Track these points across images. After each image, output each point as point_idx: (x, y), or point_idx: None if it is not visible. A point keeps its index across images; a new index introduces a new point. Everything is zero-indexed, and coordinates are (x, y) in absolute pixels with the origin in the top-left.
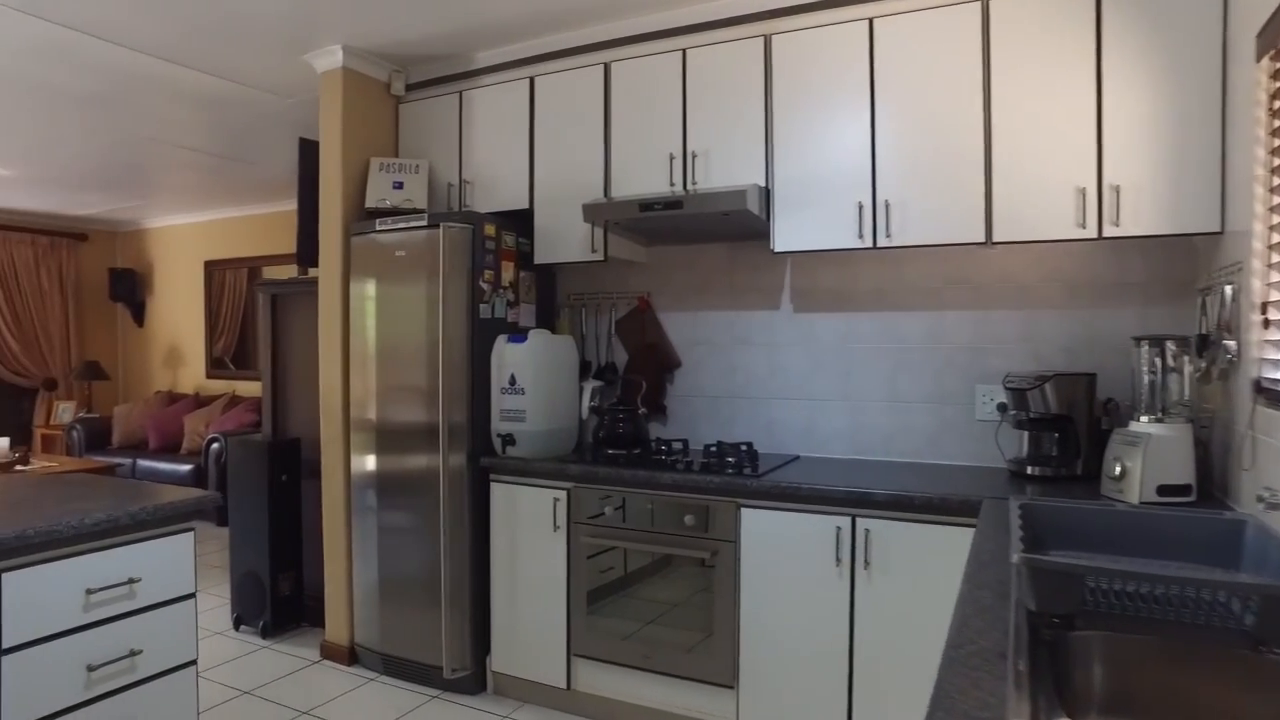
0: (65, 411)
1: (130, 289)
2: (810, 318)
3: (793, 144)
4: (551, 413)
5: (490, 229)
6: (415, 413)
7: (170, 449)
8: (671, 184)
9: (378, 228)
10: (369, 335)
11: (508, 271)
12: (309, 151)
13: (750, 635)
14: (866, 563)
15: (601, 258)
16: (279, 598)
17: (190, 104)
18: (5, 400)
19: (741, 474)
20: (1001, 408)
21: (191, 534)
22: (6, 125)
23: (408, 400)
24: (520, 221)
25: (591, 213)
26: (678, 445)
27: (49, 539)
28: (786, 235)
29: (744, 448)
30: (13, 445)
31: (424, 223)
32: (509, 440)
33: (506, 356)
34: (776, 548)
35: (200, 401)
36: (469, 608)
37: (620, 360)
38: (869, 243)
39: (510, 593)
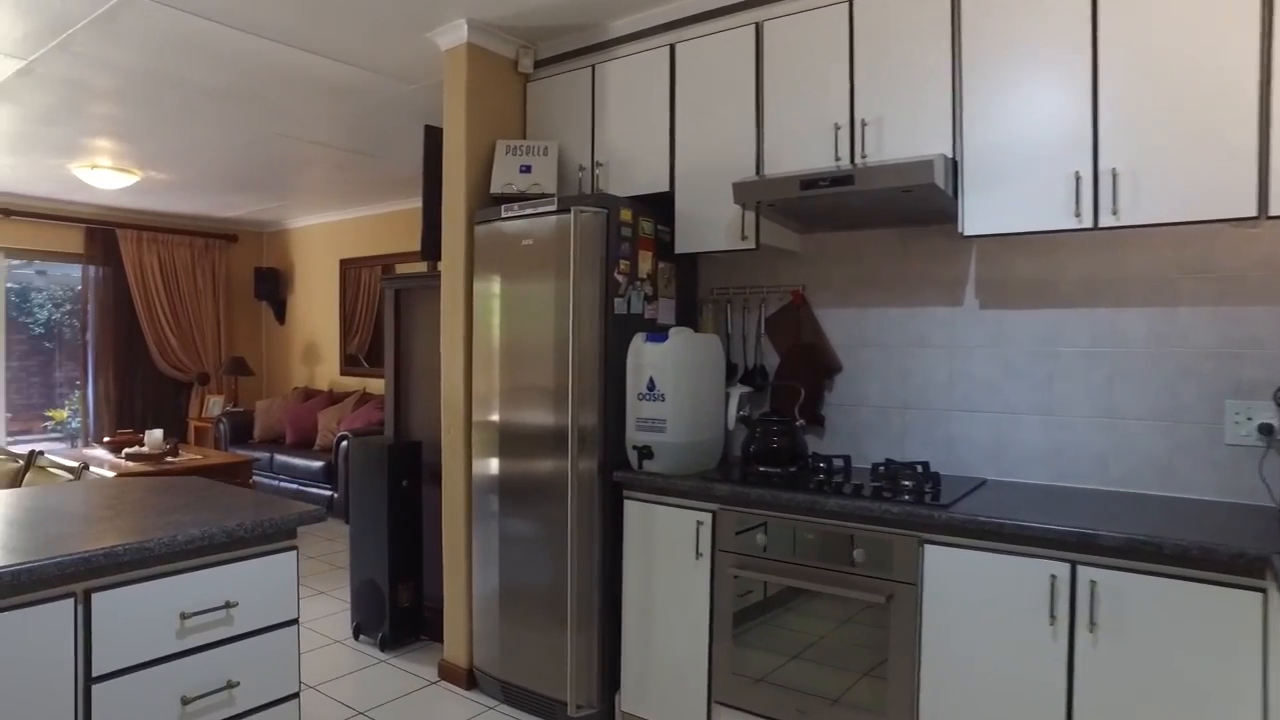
0: (215, 405)
1: (273, 287)
2: (1001, 315)
3: (987, 105)
4: (694, 423)
5: (626, 214)
6: (542, 415)
7: (305, 444)
8: (837, 158)
9: (503, 214)
10: (493, 331)
11: (645, 262)
12: (434, 139)
13: (932, 700)
14: (1092, 623)
15: (752, 245)
16: (398, 609)
17: (317, 95)
18: (165, 393)
19: (924, 502)
20: (1266, 430)
21: (294, 553)
22: (155, 127)
23: (534, 402)
24: (659, 207)
25: (743, 192)
26: (839, 463)
27: (141, 556)
28: (978, 216)
29: (920, 468)
30: (167, 436)
31: (553, 207)
32: (646, 453)
33: (645, 357)
34: (970, 596)
35: (334, 398)
36: (597, 635)
37: (770, 363)
38: (1088, 222)
39: (644, 624)
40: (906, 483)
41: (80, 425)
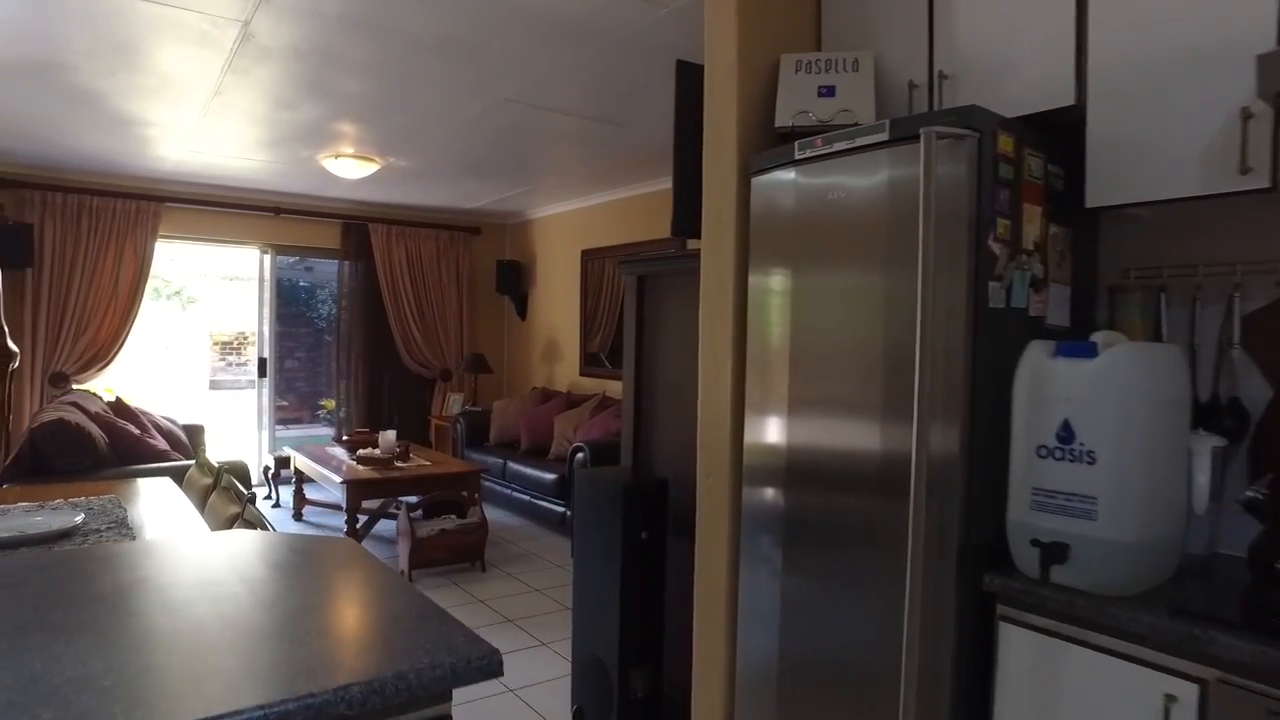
0: (455, 403)
1: (515, 281)
2: None
3: None
4: (1149, 505)
5: (1007, 142)
6: (857, 438)
7: (539, 451)
8: None
9: (796, 156)
10: (777, 326)
11: (1032, 223)
12: (690, 77)
13: None
14: None
15: (1265, 184)
16: (630, 700)
17: (546, 39)
18: (410, 388)
19: None
20: None
21: None
22: (380, 99)
23: (844, 423)
24: (1046, 135)
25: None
26: None
27: None
28: None
29: None
30: (408, 433)
31: (883, 135)
32: (1055, 553)
33: (1056, 384)
34: None
35: (571, 401)
36: None
37: (1252, 394)
38: None
39: None
40: None
41: (345, 414)
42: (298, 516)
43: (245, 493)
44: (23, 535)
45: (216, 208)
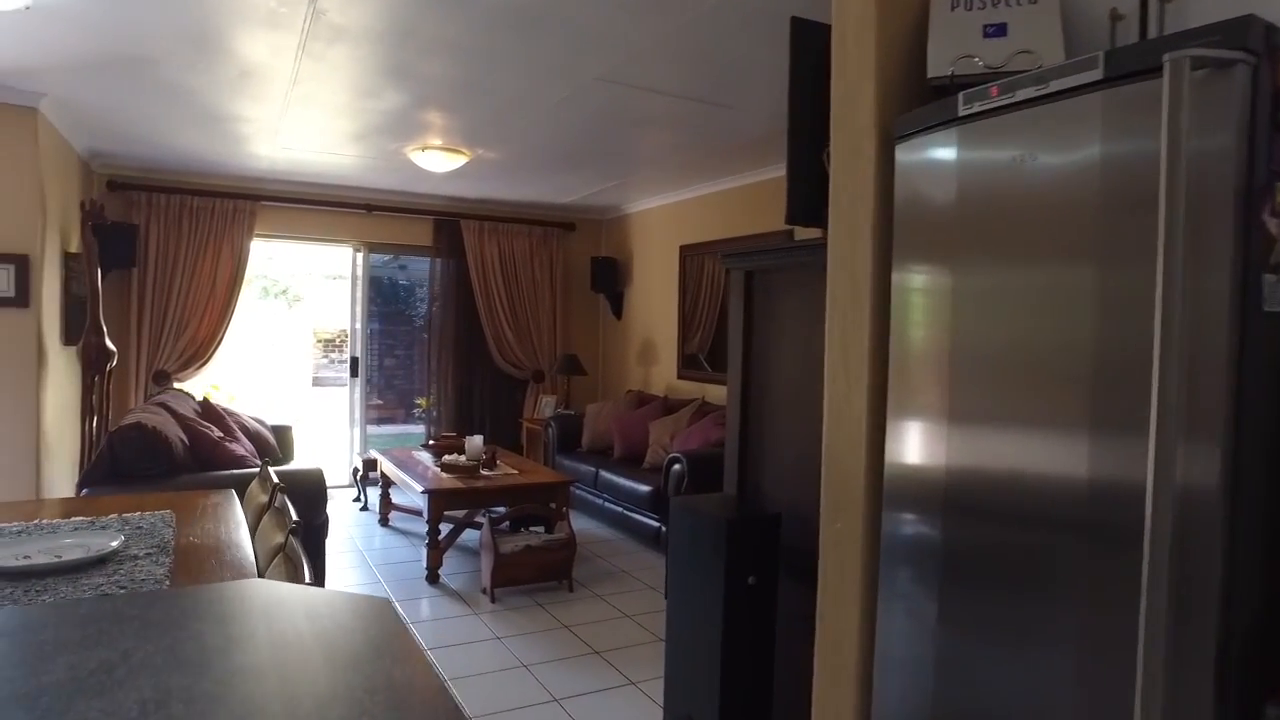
0: (547, 405)
1: (610, 279)
2: None
3: None
4: None
5: None
6: (1050, 459)
7: (633, 460)
8: None
9: (960, 111)
10: (929, 329)
11: None
12: (807, 36)
13: None
14: None
15: None
16: None
17: (635, 8)
18: (501, 391)
19: None
20: None
21: None
22: (461, 81)
23: (1029, 441)
24: None
25: None
26: None
27: None
28: None
29: None
30: (500, 435)
31: (1095, 74)
32: None
33: None
34: None
35: (668, 406)
36: None
37: None
38: None
39: None
40: None
41: (437, 414)
42: (384, 522)
43: (293, 520)
44: (60, 562)
45: (310, 205)
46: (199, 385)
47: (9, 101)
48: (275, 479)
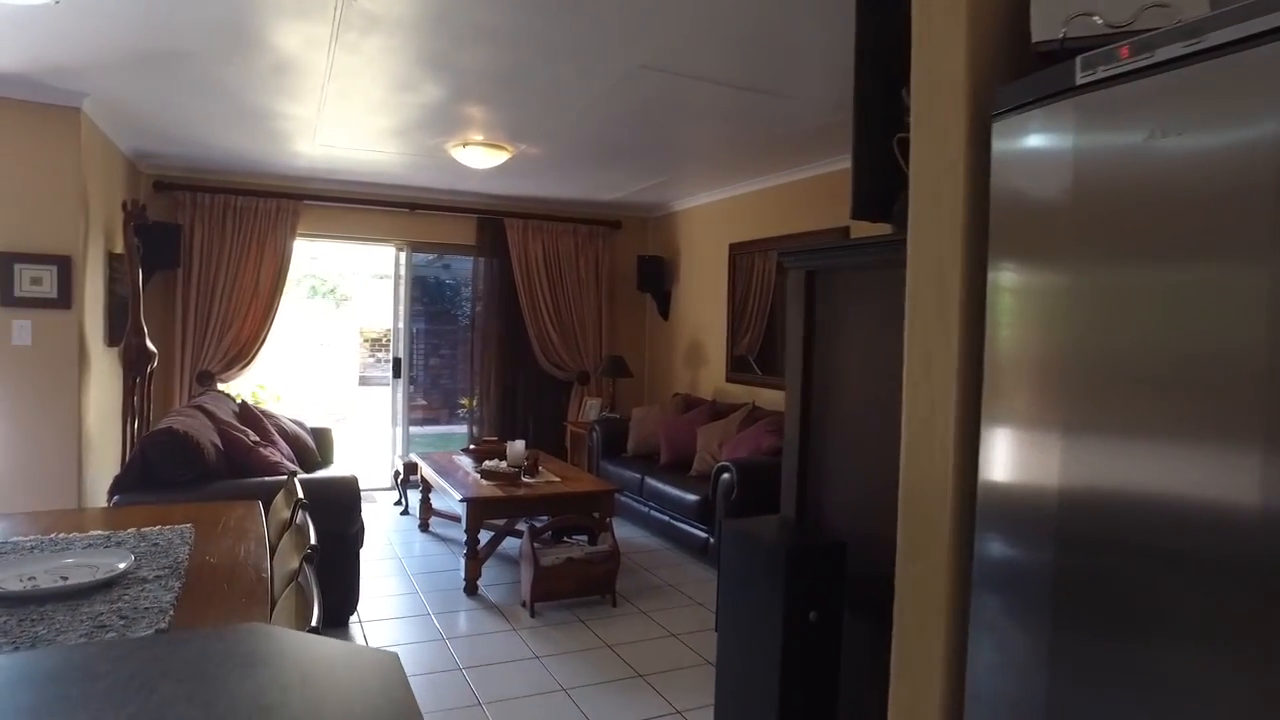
0: (592, 408)
1: (657, 278)
2: None
3: None
4: None
5: None
6: (1205, 482)
7: (680, 466)
8: None
9: (1078, 79)
10: (1037, 331)
11: None
12: (875, 4)
13: None
14: None
15: None
16: None
17: None
18: (545, 392)
19: None
20: None
21: None
22: (495, 67)
23: (1177, 460)
24: None
25: None
26: None
27: None
28: None
29: None
30: (544, 437)
31: (1275, 19)
32: None
33: None
34: None
35: (717, 411)
36: None
37: None
38: None
39: None
40: None
41: (480, 415)
42: (424, 527)
43: (310, 545)
44: (63, 586)
45: (352, 204)
46: (244, 386)
47: (51, 102)
48: (300, 493)
